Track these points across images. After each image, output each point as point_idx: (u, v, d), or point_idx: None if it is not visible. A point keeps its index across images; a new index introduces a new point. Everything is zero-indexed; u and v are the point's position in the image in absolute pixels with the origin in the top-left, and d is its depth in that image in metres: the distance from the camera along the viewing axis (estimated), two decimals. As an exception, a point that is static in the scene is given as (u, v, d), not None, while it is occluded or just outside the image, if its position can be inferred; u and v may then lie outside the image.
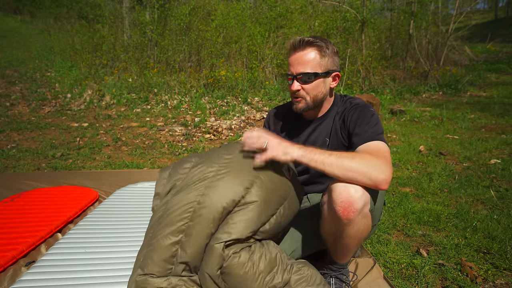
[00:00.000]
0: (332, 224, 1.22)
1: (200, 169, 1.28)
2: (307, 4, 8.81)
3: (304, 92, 1.35)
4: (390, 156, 1.19)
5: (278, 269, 1.20)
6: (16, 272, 1.51)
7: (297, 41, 1.32)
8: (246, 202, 1.18)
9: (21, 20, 19.43)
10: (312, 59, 1.31)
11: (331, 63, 1.35)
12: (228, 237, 1.13)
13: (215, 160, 1.29)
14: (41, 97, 6.58)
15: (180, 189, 1.25)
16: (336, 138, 1.42)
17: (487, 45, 14.42)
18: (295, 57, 1.33)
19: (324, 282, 1.26)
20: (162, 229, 1.18)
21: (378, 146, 1.21)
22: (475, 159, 3.39)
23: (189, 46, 8.06)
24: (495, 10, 28.61)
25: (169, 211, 1.20)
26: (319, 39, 1.32)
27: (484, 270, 1.61)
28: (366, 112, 1.33)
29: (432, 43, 9.38)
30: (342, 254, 1.34)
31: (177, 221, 1.17)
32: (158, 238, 1.17)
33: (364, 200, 1.14)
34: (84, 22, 10.78)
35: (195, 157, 1.40)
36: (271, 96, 6.73)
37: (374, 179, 1.10)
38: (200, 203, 1.16)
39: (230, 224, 1.15)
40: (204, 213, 1.15)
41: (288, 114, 1.57)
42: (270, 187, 1.23)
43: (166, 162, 3.54)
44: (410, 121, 5.31)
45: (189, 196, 1.19)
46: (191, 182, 1.24)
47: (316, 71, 1.32)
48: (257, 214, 1.18)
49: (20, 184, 2.63)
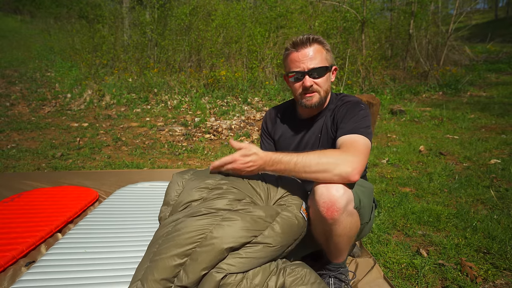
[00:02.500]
0: (320, 225, 1.24)
1: (222, 197, 1.27)
2: (307, 4, 8.81)
3: (317, 86, 1.38)
4: (364, 148, 1.22)
5: (271, 277, 1.21)
6: (16, 272, 1.51)
7: (305, 38, 1.35)
8: (258, 242, 1.19)
9: (21, 20, 19.44)
10: (320, 54, 1.36)
11: (331, 58, 1.41)
12: (228, 270, 1.15)
13: (239, 192, 1.29)
14: (41, 97, 6.58)
15: (196, 212, 1.23)
16: (327, 134, 1.45)
17: (487, 45, 14.41)
18: (303, 53, 1.34)
19: (319, 280, 1.26)
20: (169, 248, 1.16)
21: (354, 139, 1.24)
22: (475, 159, 3.39)
23: (189, 46, 8.06)
24: (495, 10, 28.61)
25: (180, 232, 1.18)
26: (319, 36, 1.39)
27: (484, 270, 1.60)
28: (354, 108, 1.36)
29: (432, 43, 9.38)
30: (335, 253, 1.35)
31: (186, 244, 1.15)
32: (163, 257, 1.15)
33: (347, 198, 1.15)
34: (84, 22, 10.78)
35: (217, 175, 1.39)
36: (271, 96, 6.73)
37: (339, 173, 1.13)
38: (212, 232, 1.16)
39: (236, 258, 1.16)
40: (215, 243, 1.14)
41: (285, 114, 1.60)
42: (285, 230, 1.23)
43: (166, 162, 3.55)
44: (410, 121, 5.31)
45: (204, 221, 1.18)
46: (209, 207, 1.23)
47: (326, 65, 1.37)
48: (264, 254, 1.19)
49: (20, 184, 2.63)
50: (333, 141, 1.41)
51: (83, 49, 9.34)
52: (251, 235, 1.17)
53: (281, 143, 1.58)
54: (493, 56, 12.70)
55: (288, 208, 1.28)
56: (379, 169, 3.22)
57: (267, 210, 1.24)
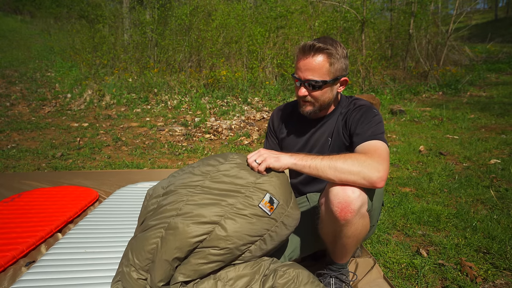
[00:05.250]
0: (330, 225, 1.23)
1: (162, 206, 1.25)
2: (307, 4, 8.81)
3: (312, 98, 1.35)
4: (387, 155, 1.20)
5: (255, 283, 1.20)
6: (16, 272, 1.51)
7: (308, 46, 1.27)
8: (203, 246, 1.16)
9: (21, 20, 19.44)
10: (321, 67, 1.28)
11: (340, 69, 1.32)
12: (183, 278, 1.16)
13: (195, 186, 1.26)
14: (41, 97, 6.58)
15: (145, 226, 1.25)
16: (338, 138, 1.42)
17: (487, 45, 14.39)
18: (304, 62, 1.29)
19: (312, 279, 1.24)
20: (133, 264, 1.21)
21: (376, 145, 1.22)
22: (475, 159, 3.39)
23: (189, 46, 8.06)
24: (495, 10, 28.58)
25: (135, 251, 1.21)
26: (329, 44, 1.28)
27: (484, 270, 1.61)
28: (368, 113, 1.34)
29: (432, 43, 9.38)
30: (341, 254, 1.34)
31: (143, 259, 1.18)
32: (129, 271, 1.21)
33: (361, 200, 1.15)
34: (84, 22, 10.78)
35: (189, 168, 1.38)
36: (271, 96, 6.73)
37: (368, 178, 1.12)
38: (158, 245, 1.18)
39: (192, 265, 1.16)
40: (160, 257, 1.16)
41: (292, 113, 1.57)
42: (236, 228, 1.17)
43: (166, 162, 3.55)
44: (410, 121, 5.31)
45: (151, 236, 1.20)
46: (156, 218, 1.24)
47: (325, 79, 1.30)
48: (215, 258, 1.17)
49: (20, 184, 2.63)
50: (346, 146, 1.40)
51: (83, 49, 9.34)
52: (195, 241, 1.15)
53: (287, 142, 1.56)
54: (493, 56, 12.69)
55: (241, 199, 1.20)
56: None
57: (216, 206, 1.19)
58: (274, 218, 1.21)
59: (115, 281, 1.25)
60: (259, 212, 1.19)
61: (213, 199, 1.19)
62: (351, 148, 1.31)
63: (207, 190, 1.22)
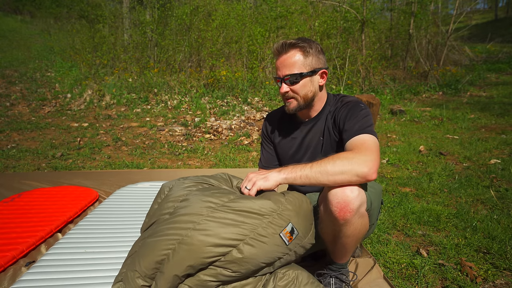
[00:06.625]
0: (329, 224, 1.23)
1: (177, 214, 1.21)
2: (307, 5, 8.81)
3: (293, 92, 1.38)
4: (375, 146, 1.21)
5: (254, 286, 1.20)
6: (16, 272, 1.51)
7: (280, 45, 1.35)
8: (217, 266, 1.15)
9: (21, 20, 19.43)
10: (296, 60, 1.34)
11: (316, 62, 1.37)
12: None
13: (204, 206, 1.20)
14: (41, 97, 6.58)
15: (155, 232, 1.23)
16: (329, 136, 1.44)
17: (487, 45, 14.40)
18: (280, 60, 1.36)
19: (312, 279, 1.24)
20: (139, 265, 1.19)
21: (363, 139, 1.24)
22: (475, 159, 3.39)
23: (189, 46, 8.06)
24: (495, 10, 28.58)
25: (136, 265, 1.20)
26: (301, 40, 1.35)
27: (484, 270, 1.60)
28: (355, 108, 1.36)
29: (432, 43, 9.38)
30: (340, 253, 1.34)
31: (149, 268, 1.17)
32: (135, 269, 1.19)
33: (360, 200, 1.16)
34: (84, 22, 10.78)
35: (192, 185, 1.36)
36: (271, 96, 6.73)
37: (360, 174, 1.13)
38: (164, 262, 1.16)
39: (200, 280, 1.15)
40: (165, 272, 1.14)
41: (283, 117, 1.60)
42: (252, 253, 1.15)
43: (166, 162, 3.55)
44: (410, 121, 5.31)
45: (162, 243, 1.17)
46: (168, 227, 1.21)
47: (301, 71, 1.35)
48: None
49: (20, 184, 2.64)
50: (337, 144, 1.41)
51: (83, 49, 9.34)
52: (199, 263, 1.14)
53: (281, 146, 1.58)
54: (493, 56, 12.69)
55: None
56: (379, 169, 3.23)
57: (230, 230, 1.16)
58: (289, 248, 1.21)
59: (117, 280, 1.24)
60: (279, 242, 1.18)
61: (233, 219, 1.14)
62: (341, 145, 1.33)
63: (229, 208, 1.17)
